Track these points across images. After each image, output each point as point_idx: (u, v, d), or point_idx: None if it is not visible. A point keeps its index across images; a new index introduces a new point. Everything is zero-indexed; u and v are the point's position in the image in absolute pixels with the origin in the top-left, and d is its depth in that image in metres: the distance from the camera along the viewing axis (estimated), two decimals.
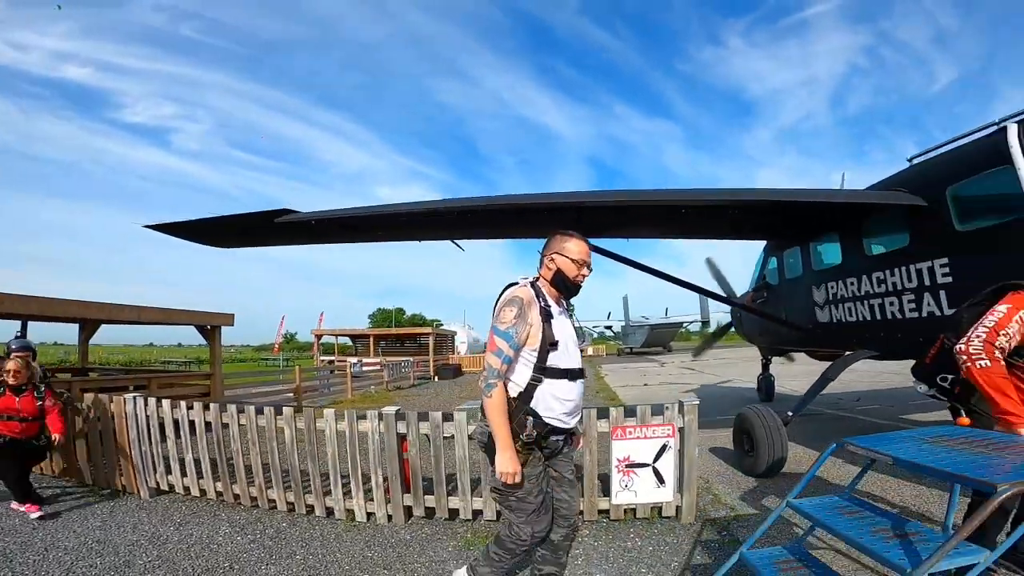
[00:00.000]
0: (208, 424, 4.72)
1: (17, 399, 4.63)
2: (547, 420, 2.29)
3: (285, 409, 4.43)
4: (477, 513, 3.98)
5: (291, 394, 12.81)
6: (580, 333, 2.53)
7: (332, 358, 25.66)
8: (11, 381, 4.63)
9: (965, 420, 2.62)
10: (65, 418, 4.94)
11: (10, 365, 4.65)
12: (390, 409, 4.12)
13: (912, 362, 3.35)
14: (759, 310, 7.18)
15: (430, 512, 4.06)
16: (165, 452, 4.98)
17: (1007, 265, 3.61)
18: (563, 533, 2.48)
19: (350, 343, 30.33)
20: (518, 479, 2.22)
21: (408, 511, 4.08)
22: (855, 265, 5.17)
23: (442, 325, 40.56)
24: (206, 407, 4.76)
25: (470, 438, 3.82)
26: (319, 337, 25.47)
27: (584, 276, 2.46)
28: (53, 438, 4.79)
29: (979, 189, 4.05)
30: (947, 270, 4.12)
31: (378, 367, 20.19)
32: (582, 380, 2.44)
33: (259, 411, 4.54)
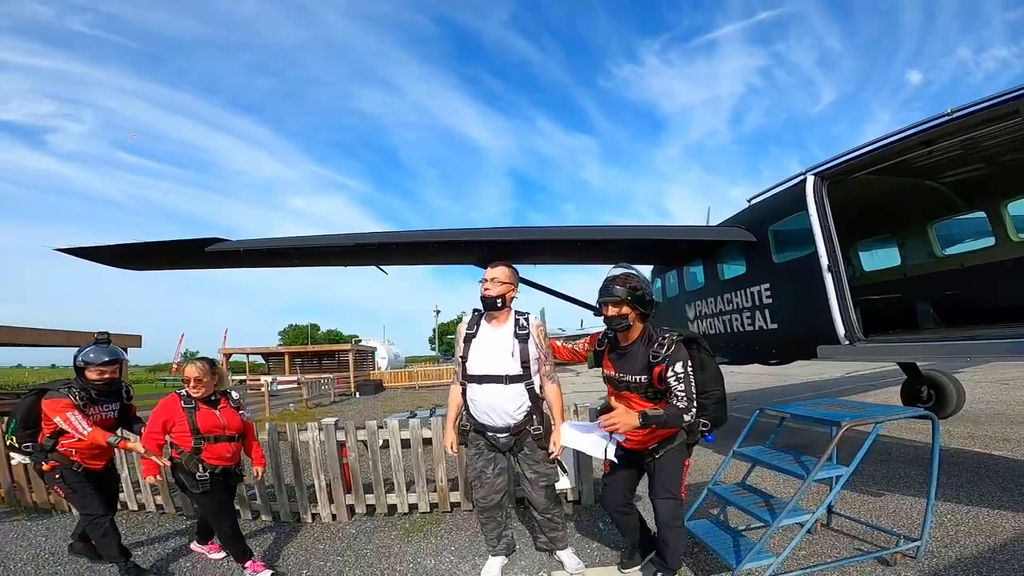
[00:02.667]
0: None
1: (218, 412, 3.56)
2: (471, 414, 3.17)
3: None
4: (412, 507, 4.58)
5: None
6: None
7: (243, 377, 24.53)
8: (194, 392, 3.49)
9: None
10: None
11: (190, 371, 3.53)
12: (329, 420, 4.66)
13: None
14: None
15: (370, 509, 4.61)
16: None
17: (805, 290, 4.91)
18: (537, 518, 3.33)
19: (262, 361, 29.05)
20: (451, 450, 3.30)
21: (351, 509, 4.61)
22: (713, 287, 6.47)
23: (360, 341, 39.91)
24: None
25: None
26: (228, 356, 24.25)
27: (486, 289, 3.09)
28: (254, 471, 3.84)
29: (788, 228, 5.31)
30: (769, 293, 5.45)
31: (295, 385, 19.82)
32: (492, 385, 3.03)
33: None
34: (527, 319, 3.16)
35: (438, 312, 59.27)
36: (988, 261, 5.57)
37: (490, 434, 3.14)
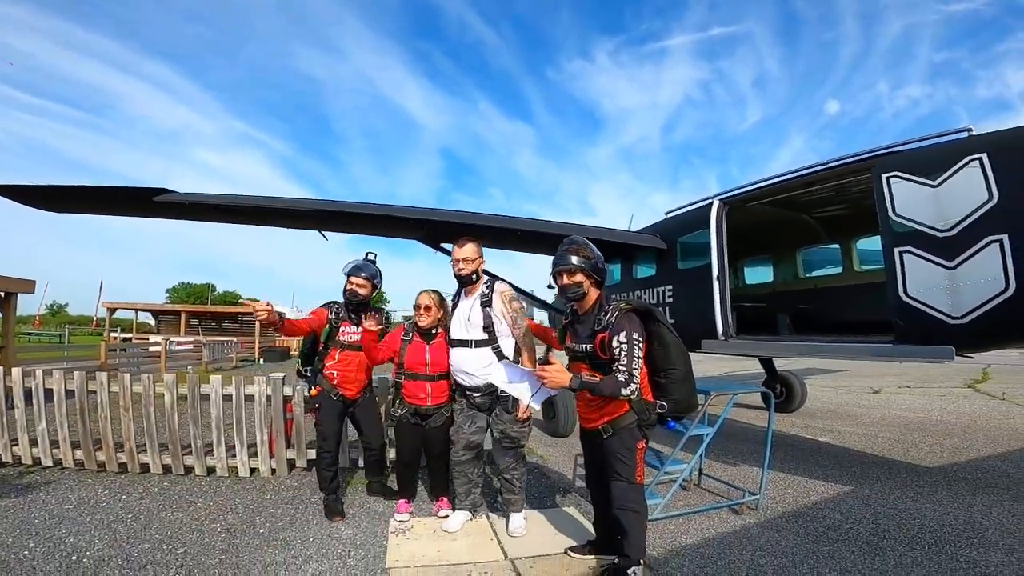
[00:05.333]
0: (69, 392, 4.82)
1: (427, 350, 3.56)
2: (454, 376, 3.61)
3: (166, 376, 4.82)
4: (354, 462, 4.93)
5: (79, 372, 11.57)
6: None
7: (129, 335, 22.45)
8: (422, 320, 3.53)
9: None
10: None
11: (422, 299, 3.57)
12: (277, 374, 4.90)
13: None
14: (553, 306, 9.09)
15: (312, 463, 4.87)
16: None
17: (698, 294, 5.91)
18: (497, 477, 3.68)
19: (149, 320, 26.63)
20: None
21: (291, 464, 4.88)
22: (627, 284, 7.40)
23: None
24: (68, 374, 4.85)
25: None
26: (112, 311, 22.01)
27: (459, 269, 3.45)
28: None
29: (693, 240, 6.30)
30: (671, 293, 6.45)
31: (191, 347, 18.70)
32: (463, 348, 3.43)
33: (135, 378, 4.85)
34: (490, 286, 3.50)
35: None
36: (835, 285, 7.01)
37: (469, 393, 3.55)
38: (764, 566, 3.13)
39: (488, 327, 3.41)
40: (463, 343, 3.49)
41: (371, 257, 4.04)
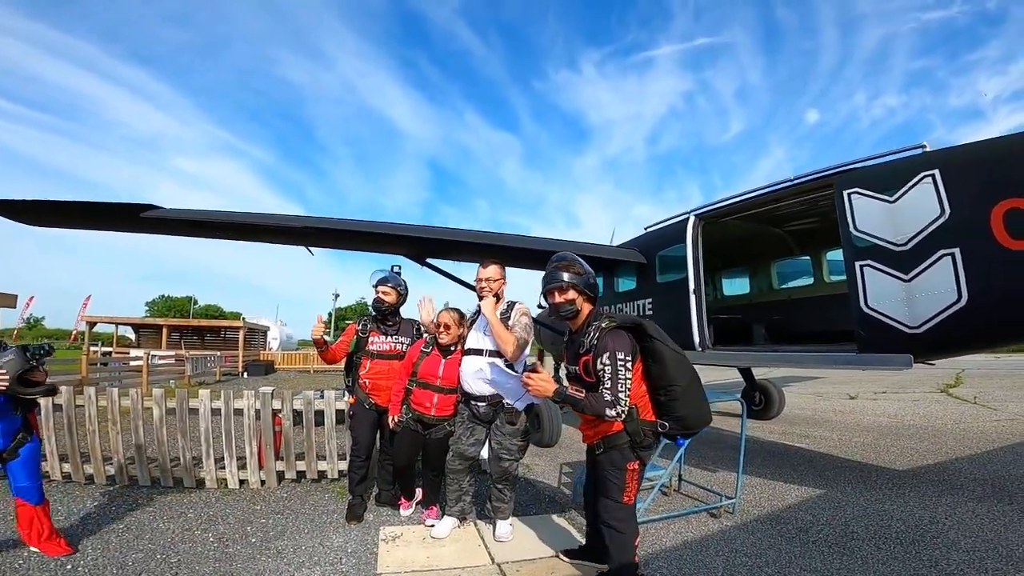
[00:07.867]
0: (57, 406, 4.84)
1: (443, 363, 3.75)
2: (461, 385, 3.70)
3: (155, 390, 4.87)
4: (342, 473, 4.95)
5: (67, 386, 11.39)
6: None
7: (109, 349, 22.07)
8: (443, 338, 3.73)
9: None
10: None
11: (444, 316, 3.76)
12: (266, 388, 4.97)
13: None
14: (547, 324, 9.36)
15: (300, 475, 4.98)
16: None
17: (676, 306, 6.12)
18: (490, 486, 3.73)
19: (128, 335, 26.16)
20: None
21: (280, 476, 4.94)
22: (610, 298, 7.61)
23: (244, 319, 37.05)
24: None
25: None
26: (92, 324, 21.61)
27: (482, 288, 3.62)
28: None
29: (671, 254, 6.55)
30: (650, 306, 6.66)
31: (173, 361, 18.47)
32: (475, 356, 3.59)
33: (123, 392, 4.89)
34: (511, 305, 3.68)
35: (337, 296, 56.90)
36: (807, 296, 7.28)
37: (473, 403, 3.66)
38: (739, 566, 3.29)
39: None
40: (478, 351, 3.64)
41: (396, 269, 4.36)
